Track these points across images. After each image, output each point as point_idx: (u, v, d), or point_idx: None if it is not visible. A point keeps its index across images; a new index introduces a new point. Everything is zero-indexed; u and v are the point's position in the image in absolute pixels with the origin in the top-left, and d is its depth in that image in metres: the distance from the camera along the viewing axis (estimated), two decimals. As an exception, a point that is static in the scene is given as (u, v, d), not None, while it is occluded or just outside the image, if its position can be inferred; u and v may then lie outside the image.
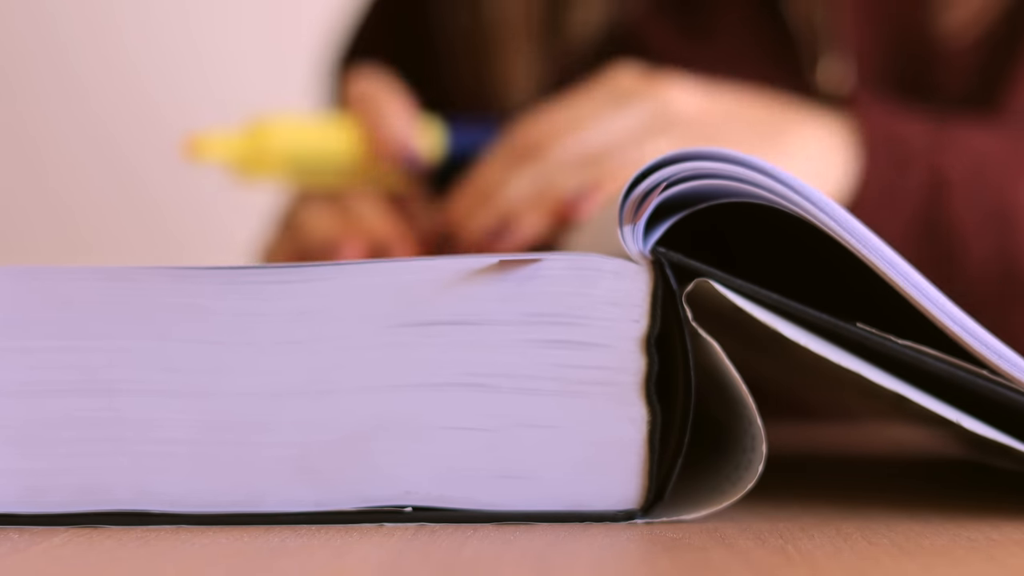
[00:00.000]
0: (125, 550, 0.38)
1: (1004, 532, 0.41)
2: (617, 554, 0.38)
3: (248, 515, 0.41)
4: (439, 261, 0.41)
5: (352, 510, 0.41)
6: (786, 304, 0.42)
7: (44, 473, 0.41)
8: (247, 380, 0.41)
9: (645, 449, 0.42)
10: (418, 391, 0.41)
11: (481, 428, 0.41)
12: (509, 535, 0.40)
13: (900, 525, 0.42)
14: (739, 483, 0.42)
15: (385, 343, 0.41)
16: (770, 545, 0.39)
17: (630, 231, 0.41)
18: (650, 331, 0.41)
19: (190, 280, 0.41)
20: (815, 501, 0.46)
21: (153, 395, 0.41)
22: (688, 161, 0.41)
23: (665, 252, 0.41)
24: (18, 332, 0.41)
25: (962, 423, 0.43)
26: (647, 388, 0.41)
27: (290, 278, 0.41)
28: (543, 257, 0.41)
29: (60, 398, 0.41)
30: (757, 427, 0.41)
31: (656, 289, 0.41)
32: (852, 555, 0.38)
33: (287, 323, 0.41)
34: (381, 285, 0.41)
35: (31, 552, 0.38)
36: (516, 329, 0.41)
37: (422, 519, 0.42)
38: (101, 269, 0.41)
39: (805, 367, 0.48)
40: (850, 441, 0.71)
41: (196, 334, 0.41)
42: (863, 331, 0.42)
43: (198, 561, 0.37)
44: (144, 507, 0.41)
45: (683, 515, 0.42)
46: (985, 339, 0.41)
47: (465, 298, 0.41)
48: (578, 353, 0.41)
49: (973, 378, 0.42)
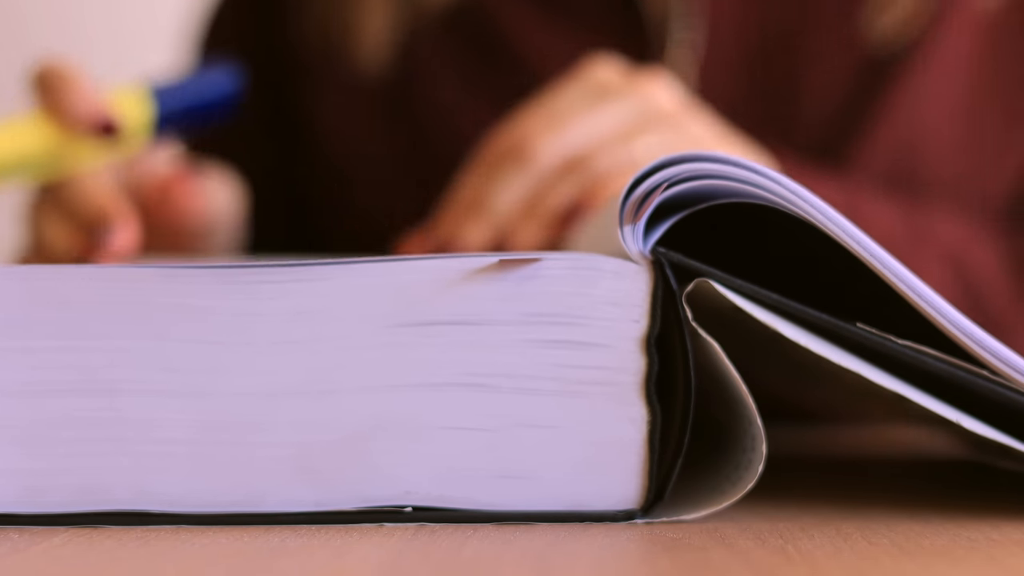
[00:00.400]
0: (125, 550, 0.38)
1: (1004, 532, 0.41)
2: (617, 554, 0.38)
3: (248, 515, 0.41)
4: (439, 261, 0.41)
5: (352, 510, 0.41)
6: (786, 304, 0.42)
7: (44, 473, 0.41)
8: (246, 380, 0.41)
9: (645, 449, 0.42)
10: (418, 391, 0.41)
11: (481, 428, 0.41)
12: (509, 535, 0.40)
13: (900, 525, 0.42)
14: (739, 483, 0.42)
15: (384, 343, 0.41)
16: (770, 545, 0.39)
17: (630, 231, 0.41)
18: (650, 331, 0.41)
19: (189, 280, 0.41)
20: (815, 501, 0.46)
21: (152, 395, 0.41)
22: (689, 163, 0.41)
23: (665, 252, 0.41)
24: (18, 332, 0.41)
25: (962, 423, 0.43)
26: (647, 388, 0.41)
27: (289, 277, 0.41)
28: (543, 257, 0.41)
29: (60, 398, 0.41)
30: (757, 427, 0.41)
31: (656, 289, 0.41)
32: (852, 555, 0.38)
33: (286, 323, 0.41)
34: (380, 285, 0.41)
35: (31, 552, 0.38)
36: (516, 329, 0.41)
37: (422, 519, 0.42)
38: (101, 269, 0.41)
39: (805, 367, 0.48)
40: (850, 441, 0.71)
41: (195, 334, 0.41)
42: (863, 331, 0.42)
43: (198, 561, 0.37)
44: (144, 507, 0.41)
45: (683, 515, 0.42)
46: (983, 340, 0.41)
47: (465, 298, 0.41)
48: (578, 353, 0.41)
49: (973, 378, 0.42)
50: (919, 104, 0.79)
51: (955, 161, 0.80)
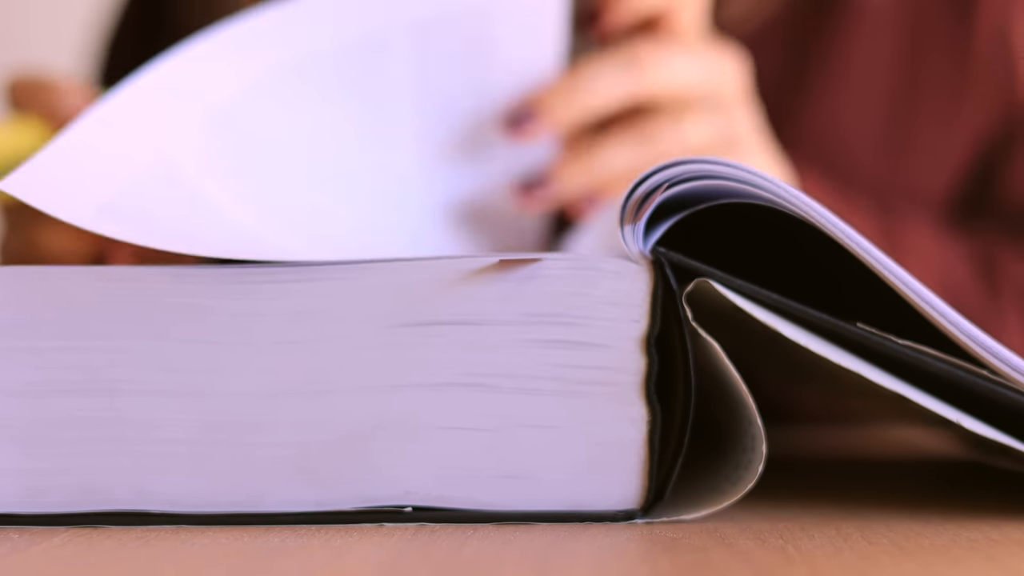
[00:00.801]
0: (125, 550, 0.38)
1: (1004, 532, 0.41)
2: (617, 554, 0.38)
3: (248, 515, 0.41)
4: (439, 261, 0.41)
5: (352, 510, 0.41)
6: (786, 304, 0.42)
7: (45, 473, 0.41)
8: (246, 380, 0.41)
9: (645, 449, 0.42)
10: (418, 391, 0.41)
11: (481, 428, 0.41)
12: (509, 535, 0.40)
13: (900, 525, 0.42)
14: (739, 483, 0.42)
15: (384, 343, 0.41)
16: (770, 545, 0.39)
17: (630, 231, 0.41)
18: (650, 331, 0.41)
19: (189, 280, 0.41)
20: (815, 501, 0.46)
21: (153, 395, 0.41)
22: (690, 164, 0.41)
23: (665, 252, 0.41)
24: (18, 332, 0.41)
25: (962, 423, 0.43)
26: (647, 388, 0.41)
27: (289, 277, 0.41)
28: (543, 257, 0.41)
29: (60, 398, 0.41)
30: (757, 427, 0.41)
31: (656, 289, 0.42)
32: (852, 555, 0.38)
33: (286, 323, 0.41)
34: (380, 285, 0.41)
35: (31, 552, 0.38)
36: (516, 329, 0.41)
37: (422, 519, 0.42)
38: (101, 269, 0.41)
39: (805, 367, 0.48)
40: (850, 441, 0.71)
41: (195, 334, 0.41)
42: (863, 331, 0.42)
43: (198, 561, 0.37)
44: (144, 507, 0.41)
45: (683, 515, 0.42)
46: (982, 339, 0.41)
47: (465, 298, 0.41)
48: (578, 353, 0.41)
49: (973, 378, 0.42)
50: (839, 97, 0.79)
51: (879, 160, 0.80)
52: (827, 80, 0.79)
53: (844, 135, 0.79)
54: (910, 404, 0.43)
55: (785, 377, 0.57)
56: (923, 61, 0.81)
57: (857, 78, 0.80)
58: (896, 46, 0.80)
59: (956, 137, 0.81)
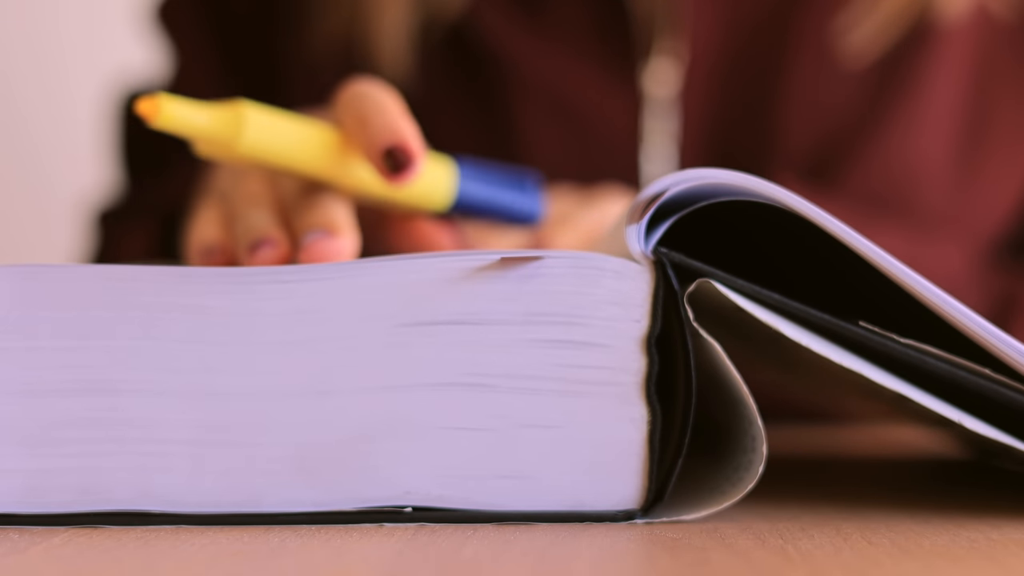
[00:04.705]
0: (125, 550, 0.38)
1: (1004, 532, 0.41)
2: (617, 554, 0.38)
3: (248, 515, 0.41)
4: (440, 260, 0.41)
5: (352, 510, 0.41)
6: (787, 304, 0.42)
7: (45, 473, 0.41)
8: (247, 380, 0.41)
9: (645, 449, 0.42)
10: (418, 391, 0.41)
11: (482, 428, 0.41)
12: (509, 535, 0.40)
13: (900, 525, 0.42)
14: (739, 483, 0.42)
15: (385, 343, 0.41)
16: (770, 545, 0.39)
17: (633, 231, 0.41)
18: (651, 331, 0.42)
19: (190, 280, 0.41)
20: (815, 501, 0.46)
21: (153, 395, 0.41)
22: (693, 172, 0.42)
23: (667, 252, 0.41)
24: (19, 332, 0.41)
25: (964, 423, 0.43)
26: (648, 388, 0.42)
27: (290, 277, 0.41)
28: (545, 255, 0.41)
29: (61, 398, 0.41)
30: (758, 428, 0.41)
31: (657, 289, 0.42)
32: (852, 555, 0.38)
33: (288, 323, 0.41)
34: (381, 284, 0.41)
35: (31, 552, 0.38)
36: (517, 329, 0.41)
37: (422, 519, 0.42)
38: (102, 269, 0.41)
39: (806, 367, 0.48)
40: (850, 441, 0.71)
41: (196, 334, 0.41)
42: (865, 331, 0.42)
43: (198, 561, 0.37)
44: (144, 507, 0.41)
45: (683, 515, 0.42)
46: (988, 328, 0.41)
47: (466, 297, 0.41)
48: (579, 353, 0.41)
49: (975, 378, 0.42)
50: (912, 130, 0.79)
51: (948, 191, 0.80)
52: (905, 112, 0.79)
53: (914, 167, 0.79)
54: (911, 404, 0.43)
55: (786, 377, 0.57)
56: (992, 92, 0.80)
57: (934, 109, 0.79)
58: (968, 78, 0.80)
59: (1019, 170, 0.81)
